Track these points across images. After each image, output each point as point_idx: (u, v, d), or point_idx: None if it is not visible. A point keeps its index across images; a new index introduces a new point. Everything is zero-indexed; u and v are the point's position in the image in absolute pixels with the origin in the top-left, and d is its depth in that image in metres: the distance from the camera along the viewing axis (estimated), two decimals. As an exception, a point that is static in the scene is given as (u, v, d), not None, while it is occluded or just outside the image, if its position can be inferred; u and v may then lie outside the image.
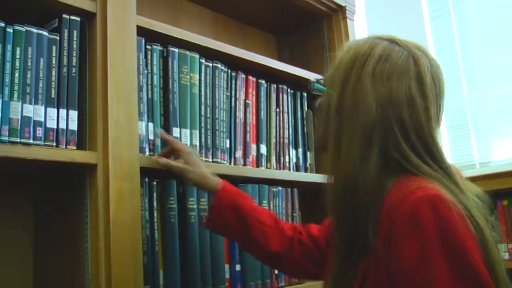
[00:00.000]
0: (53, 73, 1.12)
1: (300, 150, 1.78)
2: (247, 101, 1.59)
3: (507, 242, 2.28)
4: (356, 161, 0.84)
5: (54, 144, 1.10)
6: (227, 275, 1.42)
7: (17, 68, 1.05)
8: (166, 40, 1.37)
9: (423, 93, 0.87)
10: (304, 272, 1.23)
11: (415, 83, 0.87)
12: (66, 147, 1.11)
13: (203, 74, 1.46)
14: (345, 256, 0.87)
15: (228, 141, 1.51)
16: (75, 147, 1.13)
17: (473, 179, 0.93)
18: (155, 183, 1.28)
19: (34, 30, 1.09)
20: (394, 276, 0.77)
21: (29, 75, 1.07)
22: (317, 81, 1.04)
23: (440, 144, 0.88)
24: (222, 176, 1.41)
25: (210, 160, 1.44)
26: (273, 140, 1.67)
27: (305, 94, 1.84)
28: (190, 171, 1.21)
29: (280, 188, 1.64)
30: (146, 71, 1.32)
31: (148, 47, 1.33)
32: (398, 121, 0.85)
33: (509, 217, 2.35)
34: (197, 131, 1.41)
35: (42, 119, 1.08)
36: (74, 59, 1.16)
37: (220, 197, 1.19)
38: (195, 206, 1.36)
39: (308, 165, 1.80)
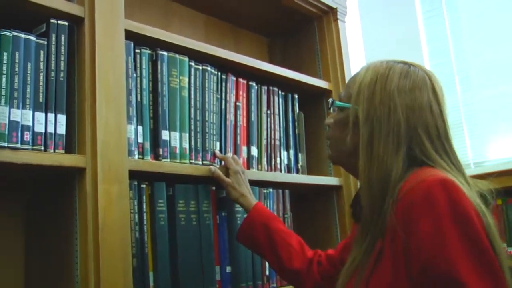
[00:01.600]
0: (41, 77, 1.13)
1: (292, 151, 1.79)
2: (237, 103, 1.60)
3: (502, 241, 2.28)
4: (387, 161, 0.99)
5: (42, 148, 1.11)
6: (218, 277, 1.42)
7: (4, 73, 1.06)
8: (155, 44, 1.38)
9: (438, 102, 1.05)
10: None
11: (432, 94, 1.05)
12: (54, 151, 1.12)
13: (192, 77, 1.46)
14: (366, 237, 1.00)
15: (218, 143, 1.52)
16: (63, 151, 1.14)
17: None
18: (144, 186, 1.29)
19: (22, 35, 1.10)
20: (410, 250, 0.88)
21: (16, 80, 1.08)
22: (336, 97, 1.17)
23: (453, 143, 1.05)
24: (211, 178, 1.43)
25: (200, 162, 1.45)
26: (264, 142, 1.68)
27: (296, 96, 1.85)
28: (233, 187, 1.41)
29: (271, 190, 1.64)
30: (135, 75, 1.33)
31: (137, 50, 1.34)
32: (423, 125, 1.01)
33: (503, 217, 2.35)
34: (187, 134, 1.42)
35: (30, 124, 1.09)
36: (62, 64, 1.17)
37: (252, 215, 1.37)
38: (185, 209, 1.36)
39: (299, 167, 1.81)
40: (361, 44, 3.08)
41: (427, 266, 0.85)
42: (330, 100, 1.19)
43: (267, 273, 1.57)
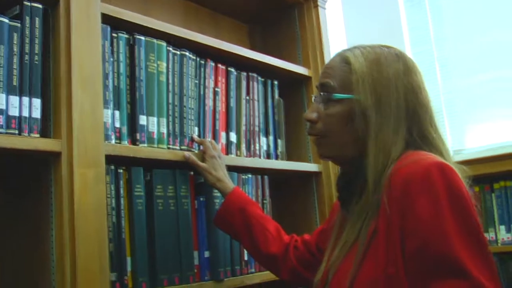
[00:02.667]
0: (15, 60, 1.11)
1: (271, 137, 1.79)
2: (216, 89, 1.60)
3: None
4: (392, 143, 1.01)
5: (17, 132, 1.09)
6: (196, 262, 1.43)
7: (-23, 55, 1.05)
8: (132, 28, 1.37)
9: (424, 83, 1.09)
10: (300, 278, 1.32)
11: (421, 76, 1.08)
12: (29, 135, 1.11)
13: (170, 62, 1.46)
14: (359, 218, 1.01)
15: (196, 128, 1.52)
16: (38, 135, 1.13)
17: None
18: (121, 171, 1.28)
19: (-6, 17, 1.09)
20: (406, 229, 0.90)
21: (-12, 63, 1.06)
22: (326, 89, 1.09)
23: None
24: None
25: (178, 148, 1.44)
26: (243, 128, 1.68)
27: (275, 82, 1.85)
28: (209, 172, 1.40)
29: (250, 176, 1.65)
30: (112, 59, 1.32)
31: (114, 34, 1.33)
32: (422, 106, 1.05)
33: (480, 203, 2.39)
34: (165, 119, 1.41)
35: (4, 107, 1.08)
36: (37, 47, 1.15)
37: (229, 199, 1.37)
38: (162, 194, 1.36)
39: (279, 153, 1.82)
40: (342, 32, 3.08)
41: (424, 245, 0.88)
42: (323, 94, 1.09)
43: (246, 258, 1.57)
